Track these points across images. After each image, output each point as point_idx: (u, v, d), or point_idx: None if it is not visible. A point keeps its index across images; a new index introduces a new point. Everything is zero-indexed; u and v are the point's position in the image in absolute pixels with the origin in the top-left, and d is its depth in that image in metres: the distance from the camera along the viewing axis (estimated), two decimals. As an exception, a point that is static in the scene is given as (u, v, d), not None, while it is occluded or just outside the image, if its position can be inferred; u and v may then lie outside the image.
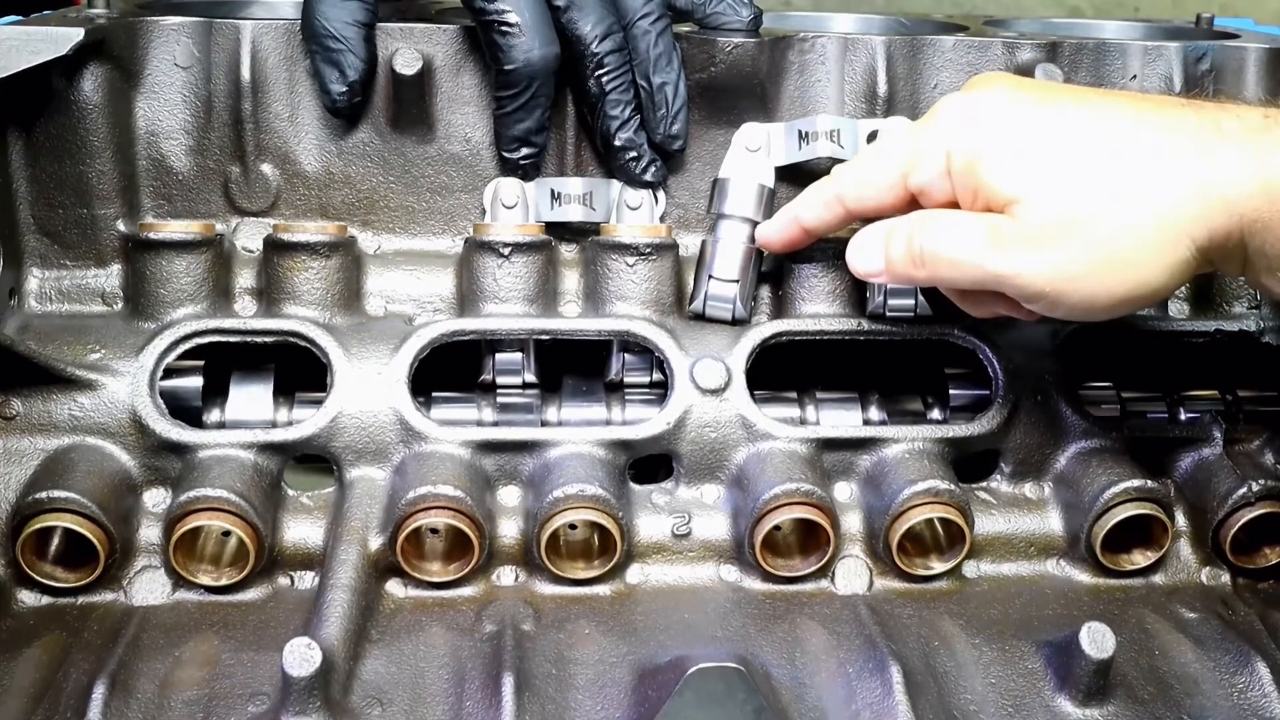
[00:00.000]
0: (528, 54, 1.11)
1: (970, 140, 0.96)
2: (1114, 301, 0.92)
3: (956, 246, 0.95)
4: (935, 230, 0.97)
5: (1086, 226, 0.90)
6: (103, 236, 1.19)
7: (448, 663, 1.00)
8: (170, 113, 1.19)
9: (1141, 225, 0.89)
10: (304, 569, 1.10)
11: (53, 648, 1.01)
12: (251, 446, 1.10)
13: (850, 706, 0.96)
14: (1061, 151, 0.92)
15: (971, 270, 0.95)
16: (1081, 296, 0.92)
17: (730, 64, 1.20)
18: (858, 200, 1.05)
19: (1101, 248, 0.90)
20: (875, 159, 1.04)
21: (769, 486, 1.09)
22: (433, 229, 1.24)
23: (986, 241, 0.94)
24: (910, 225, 0.99)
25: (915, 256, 0.98)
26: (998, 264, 0.93)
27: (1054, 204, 0.91)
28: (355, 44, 1.13)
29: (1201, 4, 1.57)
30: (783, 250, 1.15)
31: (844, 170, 1.07)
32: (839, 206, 1.06)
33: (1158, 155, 0.90)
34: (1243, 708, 1.00)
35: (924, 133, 1.00)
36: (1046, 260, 0.92)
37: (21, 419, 1.10)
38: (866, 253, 1.03)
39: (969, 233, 0.95)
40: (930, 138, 0.99)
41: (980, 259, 0.94)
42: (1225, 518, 1.14)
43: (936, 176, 0.98)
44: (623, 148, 1.17)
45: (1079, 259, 0.91)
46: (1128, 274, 0.91)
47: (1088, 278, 0.91)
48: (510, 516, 1.12)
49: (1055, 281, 0.92)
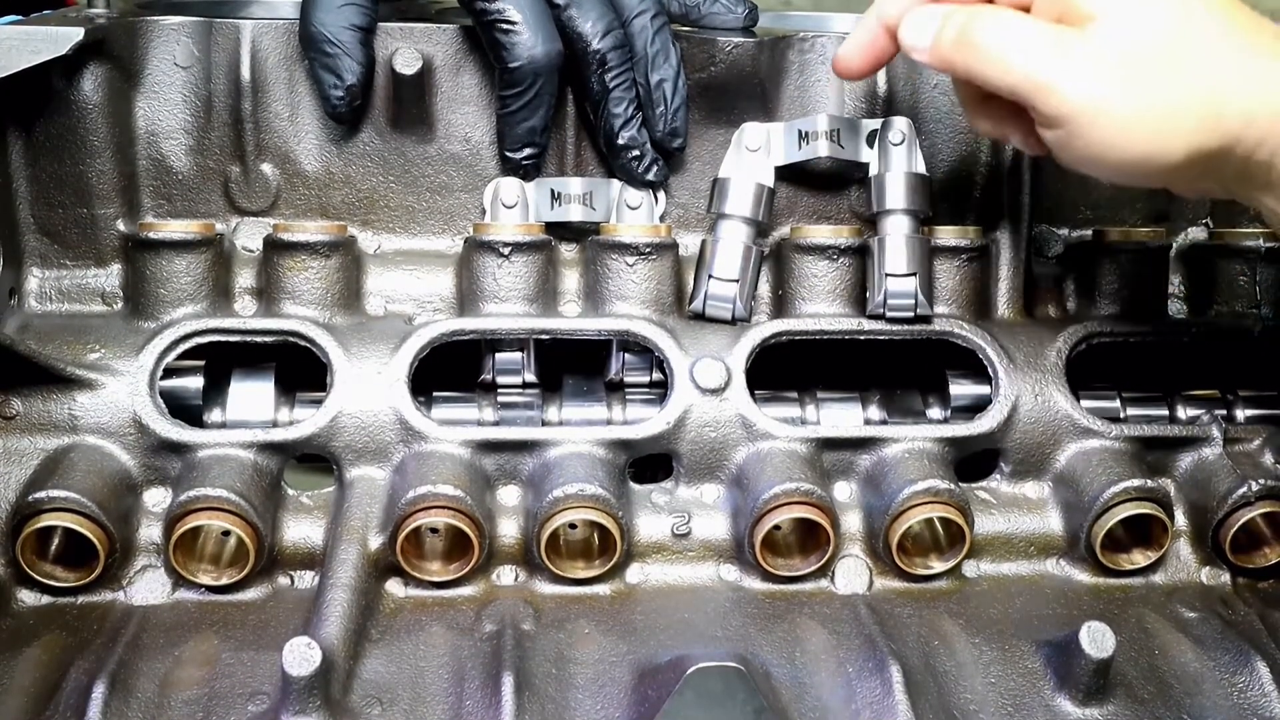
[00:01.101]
0: (531, 51, 1.11)
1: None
2: (1126, 158, 0.91)
3: (1013, 43, 0.92)
4: (995, 22, 0.94)
5: (1144, 67, 0.89)
6: (103, 236, 1.19)
7: (448, 662, 1.00)
8: (170, 112, 1.20)
9: (1192, 91, 0.89)
10: (304, 568, 1.10)
11: (53, 647, 1.01)
12: (251, 446, 1.10)
13: (850, 706, 0.96)
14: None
15: (1017, 71, 0.92)
16: (1105, 137, 0.90)
17: (730, 64, 1.20)
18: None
19: (1148, 95, 0.89)
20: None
21: (769, 486, 1.09)
22: (433, 229, 1.24)
23: (1049, 46, 0.91)
24: (970, 12, 0.95)
25: (966, 41, 0.94)
26: (1052, 71, 0.90)
27: (1129, 37, 0.90)
28: (352, 48, 1.13)
29: (1201, 4, 1.56)
30: (862, 71, 1.06)
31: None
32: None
33: (1236, 40, 0.90)
34: (1242, 707, 1.00)
35: None
36: (1098, 85, 0.90)
37: (21, 418, 1.10)
38: (918, 26, 0.98)
39: (1032, 33, 0.92)
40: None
41: (1030, 63, 0.91)
42: (1225, 517, 1.14)
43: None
44: (625, 146, 1.17)
45: (1126, 98, 0.90)
46: (1156, 135, 0.90)
47: (1120, 121, 0.90)
48: (510, 516, 1.12)
49: (1092, 111, 0.90)
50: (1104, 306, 1.24)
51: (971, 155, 1.24)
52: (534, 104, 1.14)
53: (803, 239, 1.19)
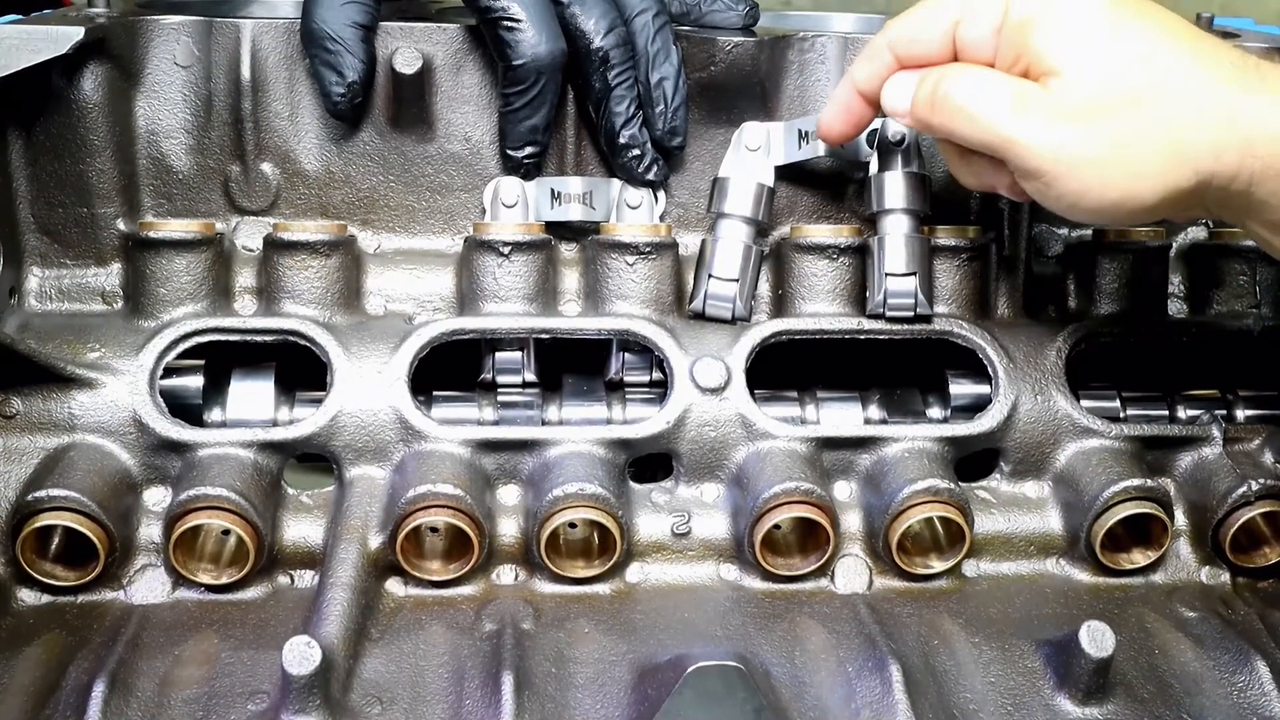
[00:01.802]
0: (535, 49, 1.11)
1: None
2: (1103, 203, 0.93)
3: (979, 100, 0.95)
4: (962, 80, 0.97)
5: (1110, 118, 0.91)
6: (103, 235, 1.19)
7: (447, 661, 1.00)
8: (170, 112, 1.20)
9: (1158, 137, 0.90)
10: (304, 568, 1.10)
11: (53, 646, 1.01)
12: (251, 445, 1.10)
13: (850, 705, 0.96)
14: (1114, 40, 0.92)
15: (985, 127, 0.95)
16: (1077, 187, 0.92)
17: (730, 63, 1.20)
18: (908, 47, 1.03)
19: (1116, 145, 0.91)
20: (930, 7, 1.02)
21: (769, 485, 1.09)
22: (433, 228, 1.24)
23: (1009, 103, 0.94)
24: (940, 72, 0.99)
25: (937, 100, 0.98)
26: (1012, 128, 0.93)
27: (1089, 87, 0.91)
28: (353, 45, 1.13)
29: (1201, 4, 1.56)
30: (841, 130, 1.11)
31: (895, 20, 1.05)
32: (887, 54, 1.04)
33: (1199, 76, 0.91)
34: (1242, 707, 1.00)
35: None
36: (1060, 138, 0.92)
37: (21, 418, 1.10)
38: (898, 90, 1.02)
39: (995, 90, 0.95)
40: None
41: (997, 119, 0.94)
42: (1225, 517, 1.14)
43: (988, 32, 0.97)
44: (626, 145, 1.17)
45: (1091, 147, 0.91)
46: (1127, 180, 0.91)
47: (1091, 169, 0.92)
48: (510, 515, 1.12)
49: (1060, 163, 0.92)
50: (1104, 306, 1.24)
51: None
52: (536, 102, 1.14)
53: (803, 239, 1.19)
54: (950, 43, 1.00)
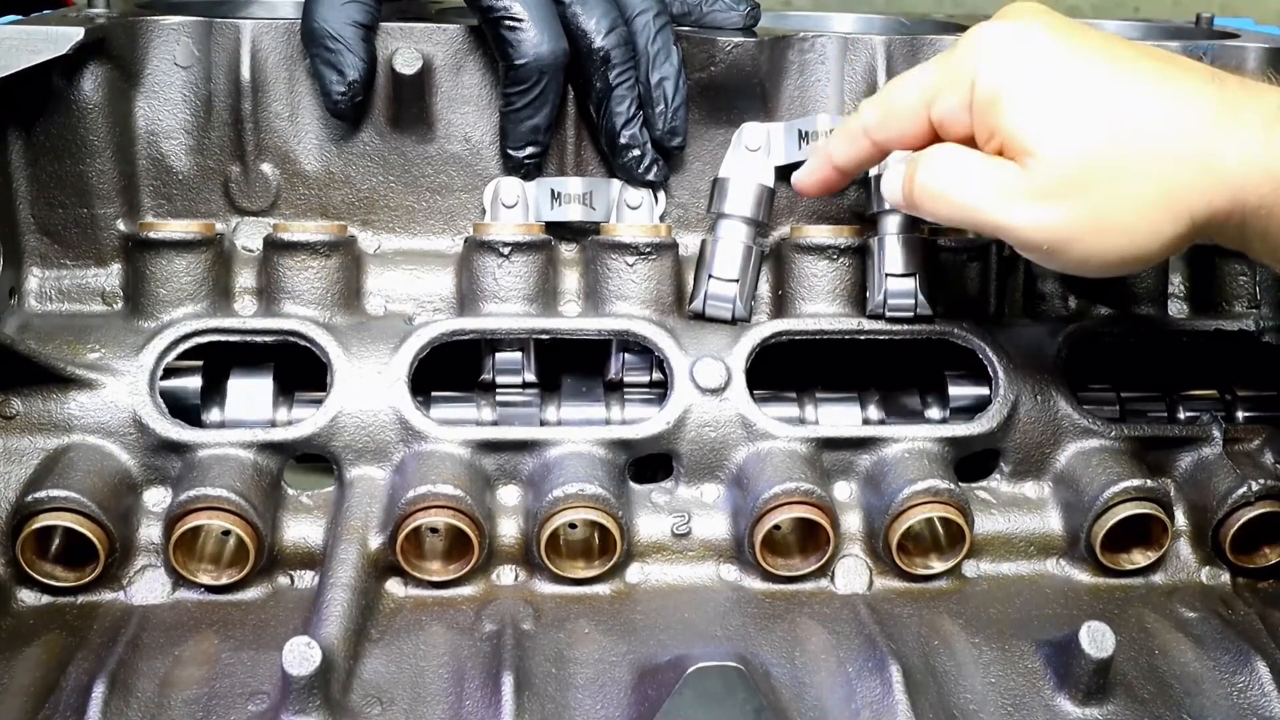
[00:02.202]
0: (537, 48, 1.11)
1: (996, 74, 0.94)
2: (1107, 264, 0.94)
3: (958, 187, 0.96)
4: (939, 166, 0.97)
5: (1092, 190, 0.91)
6: (103, 236, 1.19)
7: (448, 662, 1.00)
8: (170, 112, 1.20)
9: (1145, 195, 0.90)
10: (304, 568, 1.10)
11: (53, 647, 1.01)
12: (251, 446, 1.10)
13: (850, 705, 0.96)
14: (1083, 110, 0.91)
15: (971, 215, 0.96)
16: (1078, 255, 0.93)
17: (730, 63, 1.20)
18: (882, 132, 1.03)
19: (1104, 213, 0.91)
20: (899, 88, 1.02)
21: (769, 486, 1.09)
22: (433, 228, 1.24)
23: (992, 191, 0.94)
24: (917, 158, 0.99)
25: (917, 189, 0.98)
26: (998, 214, 0.94)
27: (1066, 165, 0.91)
28: (354, 44, 1.13)
29: (1201, 4, 1.57)
30: (818, 193, 1.13)
31: (869, 103, 1.05)
32: (864, 140, 1.05)
33: (1175, 125, 0.90)
34: (1242, 707, 1.00)
35: (952, 60, 0.98)
36: (1049, 217, 0.92)
37: (21, 418, 1.10)
38: (890, 181, 1.03)
39: (974, 176, 0.95)
40: (957, 66, 0.97)
41: (981, 205, 0.94)
42: (1225, 517, 1.14)
43: (958, 108, 0.97)
44: (626, 145, 1.17)
45: (1080, 221, 0.92)
46: (1124, 240, 0.92)
47: (1086, 239, 0.92)
48: (510, 516, 1.12)
49: (1054, 240, 0.93)
50: (1104, 306, 1.24)
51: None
52: (538, 102, 1.14)
53: (803, 239, 1.19)
54: (924, 121, 1.00)
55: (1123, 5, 3.42)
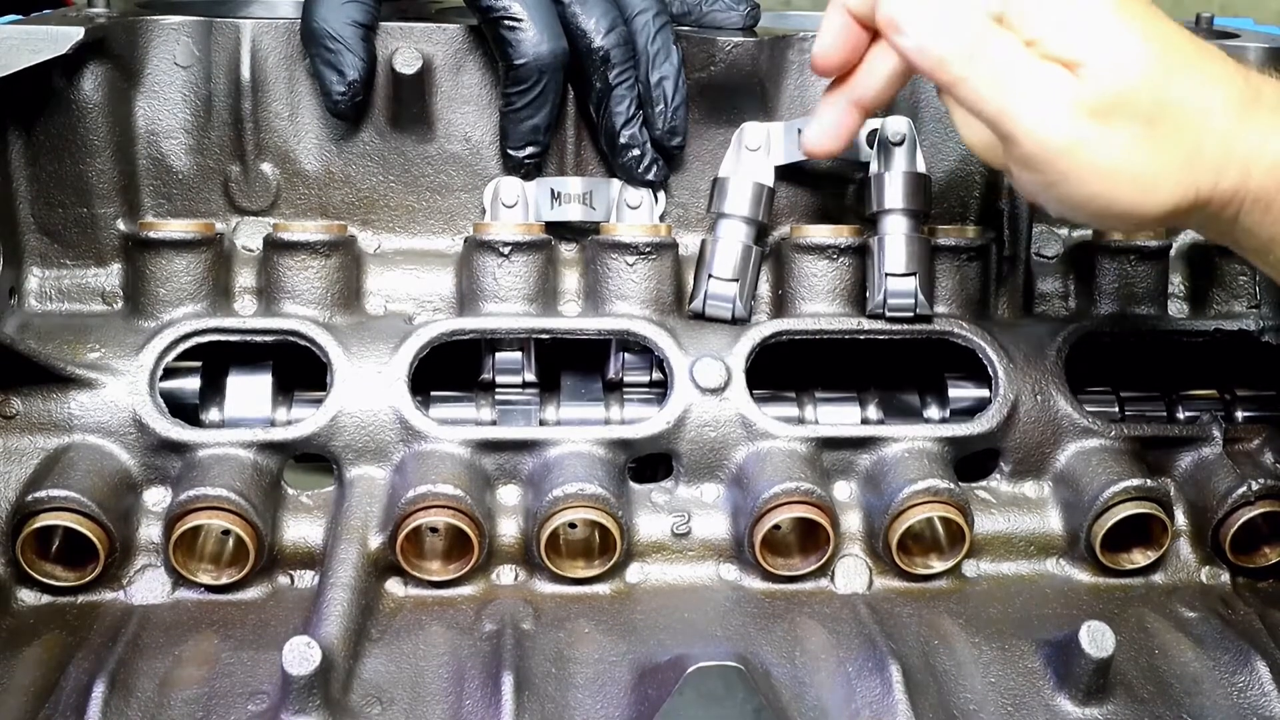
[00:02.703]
0: (537, 48, 1.11)
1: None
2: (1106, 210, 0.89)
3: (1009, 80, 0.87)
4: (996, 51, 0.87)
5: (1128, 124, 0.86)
6: (103, 235, 1.19)
7: (448, 661, 1.00)
8: (170, 112, 1.19)
9: (1169, 151, 0.87)
10: (304, 568, 1.10)
11: (53, 647, 1.01)
12: (251, 445, 1.10)
13: (850, 705, 0.96)
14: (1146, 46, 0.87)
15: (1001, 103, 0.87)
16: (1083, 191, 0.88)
17: (730, 63, 1.20)
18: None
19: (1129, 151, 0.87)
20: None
21: (769, 485, 1.09)
22: (433, 228, 1.24)
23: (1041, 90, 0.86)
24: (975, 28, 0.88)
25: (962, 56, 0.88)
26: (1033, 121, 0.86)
27: (1117, 86, 0.86)
28: (353, 44, 1.13)
29: (1201, 4, 1.57)
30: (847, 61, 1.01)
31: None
32: None
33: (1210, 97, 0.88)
34: (1242, 707, 1.00)
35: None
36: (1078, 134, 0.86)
37: (21, 418, 1.10)
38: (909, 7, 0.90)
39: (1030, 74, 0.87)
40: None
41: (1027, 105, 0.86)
42: (1225, 517, 1.14)
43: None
44: (626, 145, 1.17)
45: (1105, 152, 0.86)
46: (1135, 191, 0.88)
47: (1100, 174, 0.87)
48: (510, 515, 1.12)
49: (1071, 161, 0.87)
50: (1104, 306, 1.24)
51: (972, 155, 1.24)
52: (538, 102, 1.14)
53: (803, 239, 1.19)
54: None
55: (1123, 5, 3.41)
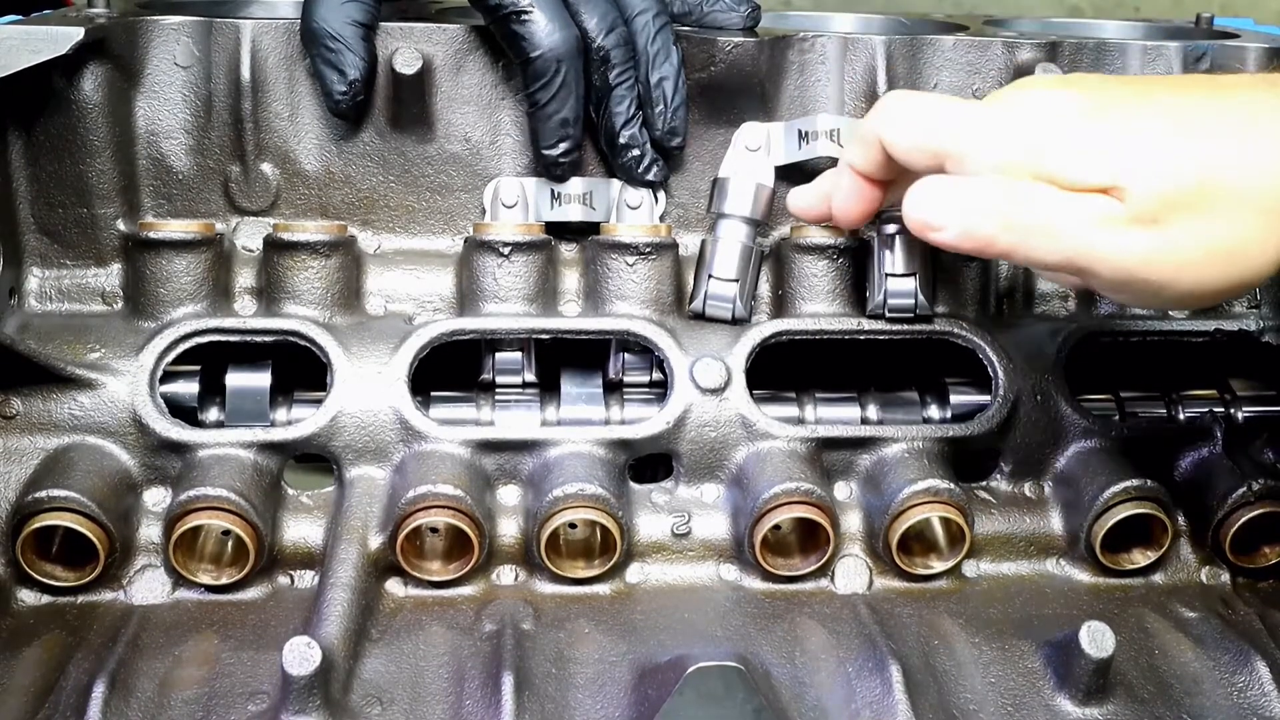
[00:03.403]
0: (550, 37, 1.11)
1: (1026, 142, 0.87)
2: (1216, 291, 0.86)
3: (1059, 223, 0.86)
4: (1035, 204, 0.86)
5: (1193, 212, 0.83)
6: (103, 236, 1.19)
7: (448, 662, 1.00)
8: (170, 112, 1.19)
9: (1245, 209, 0.83)
10: (304, 568, 1.10)
11: (53, 647, 1.01)
12: (251, 445, 1.10)
13: (850, 705, 0.96)
14: (1158, 133, 0.85)
15: (1069, 246, 0.86)
16: (1185, 286, 0.86)
17: (730, 63, 1.20)
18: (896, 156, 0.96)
19: (1210, 235, 0.84)
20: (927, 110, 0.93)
21: (769, 486, 1.09)
22: (433, 228, 1.24)
23: (1091, 222, 0.85)
24: (1003, 192, 0.87)
25: (1007, 224, 0.87)
26: (1101, 245, 0.85)
27: (1160, 188, 0.84)
28: (354, 43, 1.13)
29: (1201, 4, 1.57)
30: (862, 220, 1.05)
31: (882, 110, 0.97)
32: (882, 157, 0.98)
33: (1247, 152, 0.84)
34: (1242, 707, 1.00)
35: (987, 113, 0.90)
36: (1155, 245, 0.84)
37: (21, 418, 1.10)
38: (936, 204, 0.90)
39: (1072, 210, 0.85)
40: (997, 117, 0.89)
41: (1082, 236, 0.85)
42: (1225, 517, 1.14)
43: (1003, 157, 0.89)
44: (626, 145, 1.17)
45: (1188, 246, 0.84)
46: (1232, 263, 0.85)
47: (1193, 267, 0.84)
48: (510, 516, 1.12)
49: (1156, 270, 0.85)
50: (1104, 306, 1.24)
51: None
52: (562, 94, 1.13)
53: (802, 239, 1.19)
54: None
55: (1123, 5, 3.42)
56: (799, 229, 1.21)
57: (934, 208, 0.90)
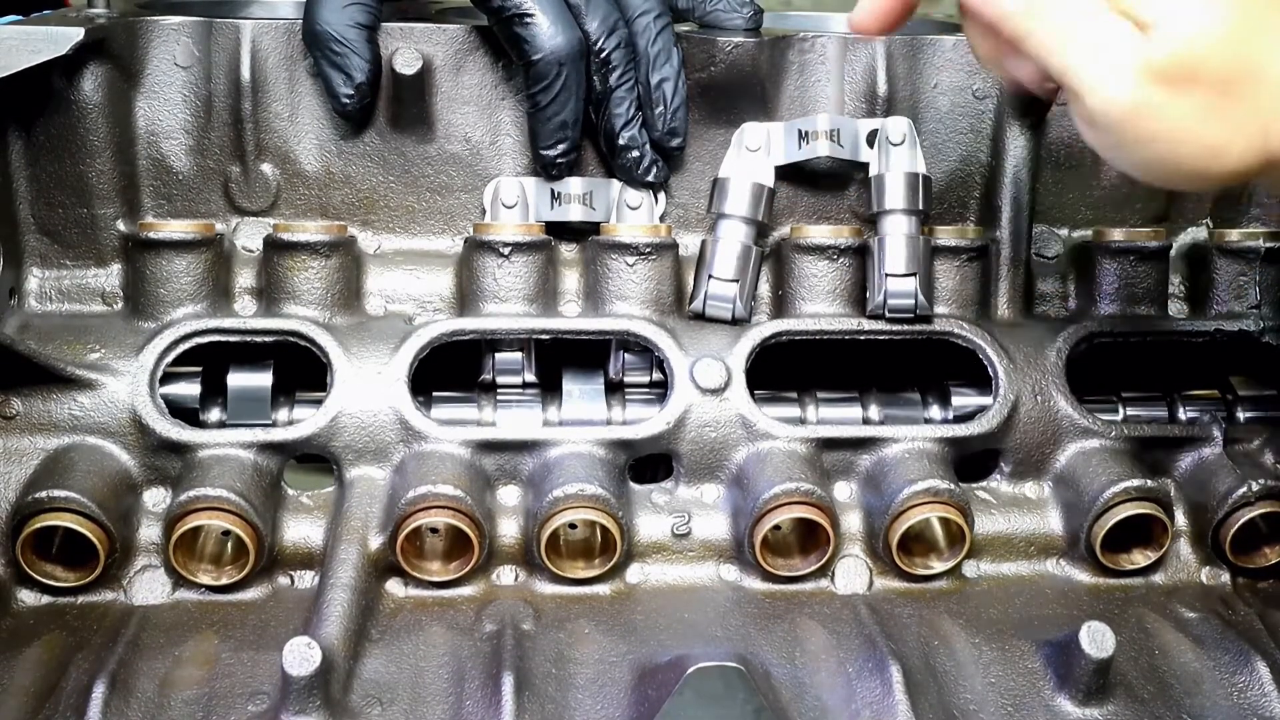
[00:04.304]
0: (552, 40, 1.11)
1: None
2: (1171, 174, 0.86)
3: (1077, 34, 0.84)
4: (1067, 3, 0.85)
5: (1200, 89, 0.83)
6: (103, 236, 1.19)
7: (448, 662, 1.00)
8: (170, 112, 1.19)
9: (1241, 118, 0.83)
10: (304, 568, 1.10)
11: (53, 647, 1.01)
12: (251, 446, 1.10)
13: (850, 706, 0.96)
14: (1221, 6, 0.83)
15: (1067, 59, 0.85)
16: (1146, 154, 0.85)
17: (730, 64, 1.20)
18: None
19: (1200, 118, 0.83)
20: None
21: (769, 486, 1.09)
22: (433, 229, 1.24)
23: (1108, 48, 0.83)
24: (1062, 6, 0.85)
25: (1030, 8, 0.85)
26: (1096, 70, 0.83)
27: (1190, 48, 0.82)
28: (359, 46, 1.13)
29: (1201, 4, 1.56)
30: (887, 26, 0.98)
31: None
32: None
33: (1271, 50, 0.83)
34: (1242, 707, 1.00)
35: None
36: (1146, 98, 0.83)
37: (21, 418, 1.10)
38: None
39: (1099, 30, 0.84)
40: None
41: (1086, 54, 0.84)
42: (1225, 517, 1.14)
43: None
44: (626, 146, 1.17)
45: (1173, 118, 0.83)
46: (1202, 156, 0.85)
47: (1166, 139, 0.84)
48: (510, 516, 1.12)
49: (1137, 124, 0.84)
50: (1104, 306, 1.24)
51: (971, 155, 1.24)
52: (562, 96, 1.13)
53: (803, 239, 1.19)
54: None
55: (1123, 5, 3.40)
56: (799, 229, 1.21)
57: None
